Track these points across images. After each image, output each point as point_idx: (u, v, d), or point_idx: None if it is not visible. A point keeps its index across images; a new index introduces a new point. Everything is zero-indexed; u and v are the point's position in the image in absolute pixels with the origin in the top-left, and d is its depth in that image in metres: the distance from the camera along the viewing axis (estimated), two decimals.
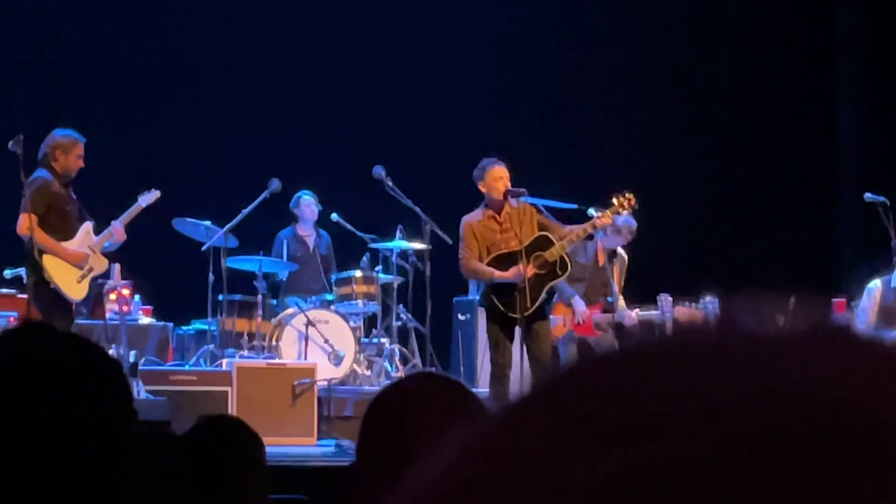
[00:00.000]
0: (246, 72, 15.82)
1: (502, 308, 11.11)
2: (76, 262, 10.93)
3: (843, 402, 0.63)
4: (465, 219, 11.34)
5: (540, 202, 11.71)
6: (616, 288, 12.35)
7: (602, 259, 12.29)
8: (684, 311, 12.34)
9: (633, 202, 11.62)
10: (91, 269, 11.04)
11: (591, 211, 11.88)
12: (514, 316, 11.06)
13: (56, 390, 2.00)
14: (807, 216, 16.41)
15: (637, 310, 12.40)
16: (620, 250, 12.42)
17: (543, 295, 11.27)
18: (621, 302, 12.33)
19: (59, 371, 2.01)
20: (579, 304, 12.16)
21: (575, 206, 12.11)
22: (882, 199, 12.21)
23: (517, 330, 11.16)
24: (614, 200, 11.63)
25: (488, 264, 11.19)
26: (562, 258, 11.32)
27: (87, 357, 2.06)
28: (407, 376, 2.79)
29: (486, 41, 16.25)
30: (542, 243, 11.29)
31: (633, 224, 12.28)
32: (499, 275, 11.11)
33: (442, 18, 16.16)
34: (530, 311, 11.12)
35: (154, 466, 3.51)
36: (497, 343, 11.21)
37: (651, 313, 12.38)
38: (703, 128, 16.48)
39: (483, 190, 11.30)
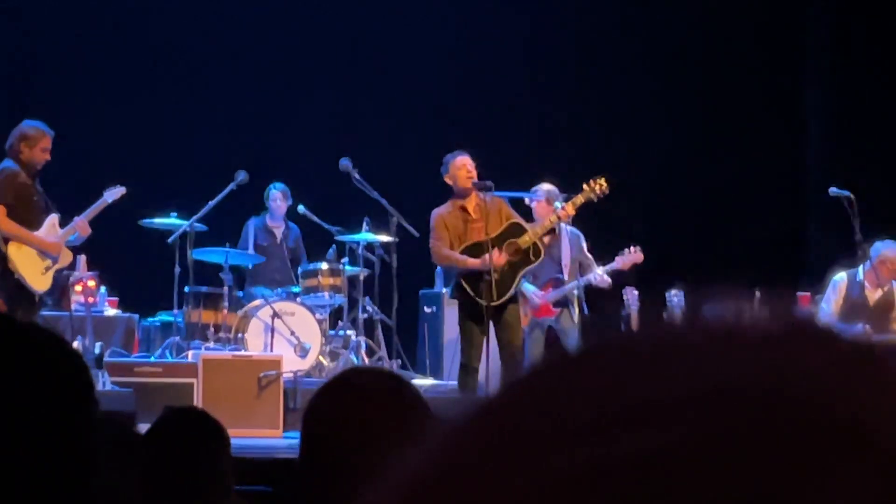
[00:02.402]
0: (215, 65, 15.80)
1: (475, 296, 11.18)
2: (49, 252, 10.92)
3: (818, 397, 0.64)
4: (436, 211, 11.47)
5: (507, 195, 11.80)
6: (567, 261, 12.34)
7: (545, 239, 12.24)
8: (629, 259, 12.37)
9: (604, 187, 11.69)
10: (56, 261, 11.02)
11: (557, 204, 11.93)
12: (484, 303, 11.15)
13: (16, 381, 1.99)
14: (774, 211, 16.49)
15: (601, 269, 12.40)
16: (565, 225, 12.36)
17: (517, 281, 11.37)
18: (598, 269, 12.32)
19: (19, 362, 2.00)
20: (529, 289, 12.16)
21: (542, 197, 12.17)
22: (847, 193, 12.28)
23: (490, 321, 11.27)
24: (585, 186, 11.70)
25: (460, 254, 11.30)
26: (534, 245, 11.45)
27: (47, 348, 2.05)
28: (344, 372, 2.81)
29: (453, 35, 16.27)
30: (515, 231, 11.42)
31: (540, 197, 12.23)
32: (471, 262, 11.20)
33: (408, 12, 16.16)
34: (504, 298, 11.23)
35: (119, 460, 3.51)
36: (470, 335, 11.30)
37: (628, 258, 12.38)
38: (673, 124, 16.52)
39: (449, 182, 11.42)
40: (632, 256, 12.39)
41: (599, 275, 12.27)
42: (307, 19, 16.10)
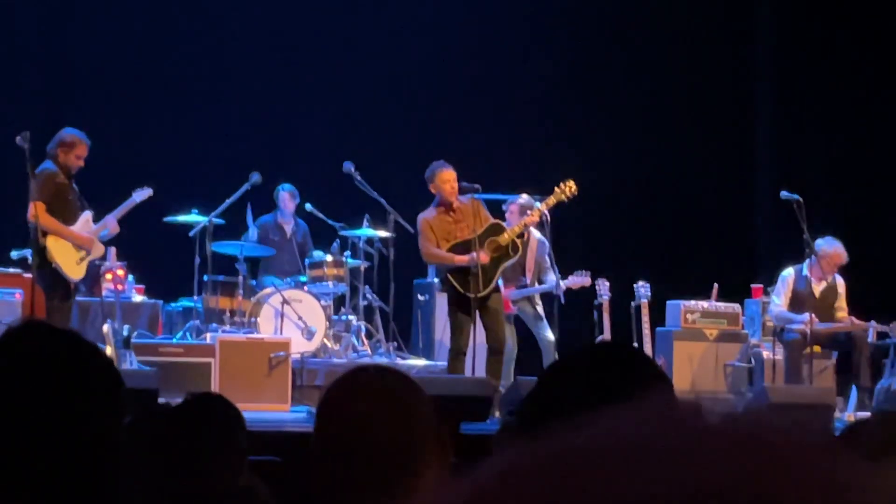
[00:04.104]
0: (233, 79, 15.75)
1: (461, 289, 11.18)
2: (83, 245, 10.91)
3: (751, 496, 0.64)
4: (421, 216, 11.47)
5: (489, 197, 11.84)
6: (531, 265, 12.37)
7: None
8: (579, 280, 12.40)
9: (573, 189, 11.68)
10: (89, 253, 11.02)
11: (537, 204, 11.91)
12: (470, 295, 11.15)
13: (54, 384, 1.99)
14: (729, 211, 16.44)
15: (569, 278, 12.42)
16: (535, 232, 12.37)
17: (498, 273, 11.38)
18: (551, 275, 12.32)
19: (57, 366, 2.00)
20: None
21: (516, 203, 12.16)
22: (796, 196, 12.26)
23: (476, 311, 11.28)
24: (556, 188, 11.70)
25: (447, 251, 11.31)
26: (513, 241, 11.45)
27: (82, 353, 2.05)
28: (358, 366, 2.79)
29: (440, 51, 16.23)
30: (496, 230, 11.43)
31: (518, 203, 12.23)
32: (458, 259, 11.20)
33: (404, 35, 16.14)
34: (489, 289, 11.24)
35: (146, 438, 3.50)
36: (458, 325, 11.30)
37: (577, 279, 12.40)
38: (637, 134, 16.46)
39: (433, 191, 11.41)
40: (581, 279, 12.43)
41: (559, 285, 12.24)
42: (314, 41, 16.07)
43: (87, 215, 11.04)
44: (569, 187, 11.68)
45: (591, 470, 0.66)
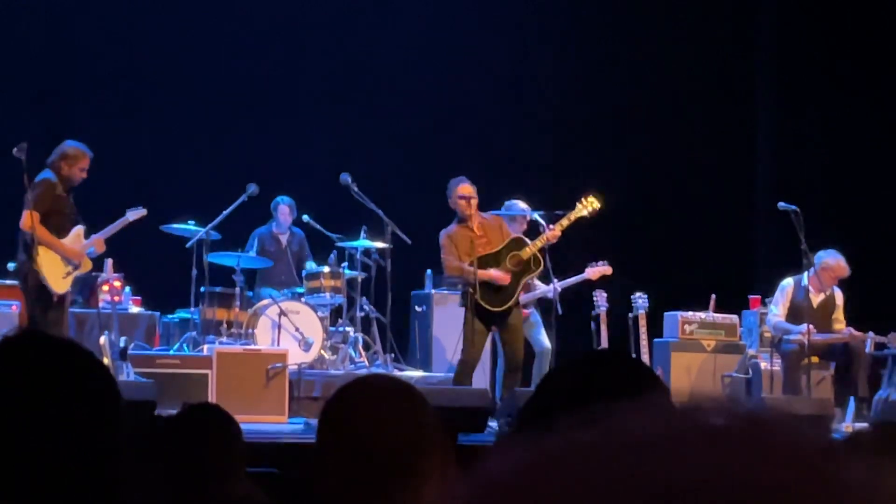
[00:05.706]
0: (232, 92, 15.73)
1: (483, 304, 11.18)
2: (72, 259, 10.89)
3: (753, 493, 0.64)
4: (443, 231, 11.58)
5: (492, 214, 11.88)
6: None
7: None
8: (597, 270, 12.42)
9: (595, 205, 11.70)
10: (76, 268, 10.99)
11: (534, 214, 11.89)
12: (493, 309, 11.18)
13: (51, 393, 1.98)
14: (727, 222, 16.45)
15: (586, 270, 12.44)
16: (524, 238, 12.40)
17: (520, 287, 11.41)
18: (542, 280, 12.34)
19: (54, 376, 2.00)
20: None
21: (542, 213, 12.07)
22: (794, 207, 12.27)
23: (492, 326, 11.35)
24: (578, 204, 11.71)
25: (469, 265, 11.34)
26: (534, 255, 11.48)
27: (79, 363, 2.05)
28: (362, 375, 2.77)
29: (437, 63, 16.24)
30: (517, 244, 11.47)
31: (518, 211, 12.24)
32: (482, 273, 11.20)
33: (402, 49, 16.13)
34: (510, 303, 11.28)
35: (143, 449, 3.51)
36: (473, 339, 11.29)
37: (570, 281, 12.41)
38: (637, 145, 16.46)
39: (452, 206, 11.48)
40: (599, 269, 12.43)
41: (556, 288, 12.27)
42: (312, 52, 16.08)
43: (78, 229, 11.01)
44: (590, 203, 11.70)
45: (597, 465, 0.67)
